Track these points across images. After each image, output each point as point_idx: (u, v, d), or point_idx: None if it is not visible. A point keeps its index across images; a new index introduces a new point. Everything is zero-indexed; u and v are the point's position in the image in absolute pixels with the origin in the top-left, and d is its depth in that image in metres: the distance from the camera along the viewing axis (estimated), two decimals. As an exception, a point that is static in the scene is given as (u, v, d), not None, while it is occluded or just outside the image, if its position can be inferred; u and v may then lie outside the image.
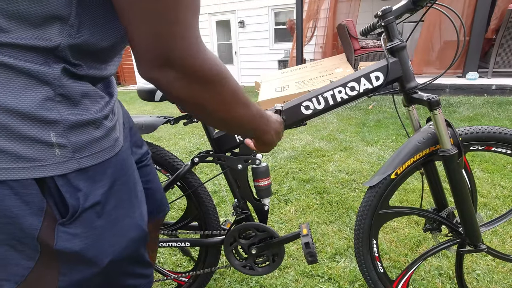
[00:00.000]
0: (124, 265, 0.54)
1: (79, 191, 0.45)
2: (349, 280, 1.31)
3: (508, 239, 1.50)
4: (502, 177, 2.07)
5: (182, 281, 1.21)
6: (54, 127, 0.42)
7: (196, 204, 1.09)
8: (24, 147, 0.40)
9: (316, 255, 0.98)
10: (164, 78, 0.43)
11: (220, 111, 0.51)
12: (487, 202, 1.80)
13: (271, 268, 1.06)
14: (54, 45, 0.41)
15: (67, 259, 0.47)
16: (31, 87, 0.40)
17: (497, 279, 1.27)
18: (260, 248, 1.03)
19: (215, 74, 0.46)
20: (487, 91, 4.34)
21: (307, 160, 2.61)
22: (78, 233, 0.46)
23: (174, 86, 0.44)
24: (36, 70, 0.40)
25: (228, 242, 1.05)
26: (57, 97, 0.42)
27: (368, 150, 2.72)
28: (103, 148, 0.48)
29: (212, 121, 0.54)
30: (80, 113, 0.45)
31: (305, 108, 0.90)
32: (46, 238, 0.44)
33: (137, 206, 0.57)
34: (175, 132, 3.69)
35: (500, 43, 4.46)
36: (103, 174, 0.49)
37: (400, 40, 0.87)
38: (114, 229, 0.51)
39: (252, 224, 1.03)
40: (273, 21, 8.06)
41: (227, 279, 1.36)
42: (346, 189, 2.08)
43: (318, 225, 1.70)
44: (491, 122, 3.20)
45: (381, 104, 4.36)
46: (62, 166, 0.43)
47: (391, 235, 1.58)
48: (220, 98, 0.49)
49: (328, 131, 3.33)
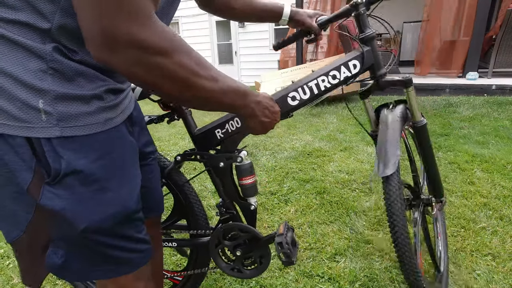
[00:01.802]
0: (104, 235, 0.57)
1: (62, 158, 0.50)
2: (349, 280, 1.31)
3: (508, 239, 1.50)
4: (502, 177, 2.07)
5: (177, 280, 1.21)
6: (43, 95, 0.48)
7: (182, 202, 1.07)
8: (17, 108, 0.48)
9: (292, 256, 0.91)
10: (118, 59, 0.44)
11: (184, 88, 0.50)
12: (487, 202, 1.80)
13: (259, 271, 1.02)
14: (47, 27, 0.47)
15: (50, 215, 0.54)
16: (27, 59, 0.47)
17: (497, 279, 1.27)
18: (245, 250, 1.00)
19: (168, 46, 0.46)
20: (487, 91, 4.34)
21: (307, 160, 2.61)
22: (60, 194, 0.52)
23: (129, 66, 0.45)
24: (32, 46, 0.47)
25: (213, 244, 1.02)
26: (49, 70, 0.48)
27: (368, 150, 2.72)
28: (90, 123, 0.53)
29: (181, 99, 0.54)
30: (70, 87, 0.50)
31: (291, 99, 0.92)
32: (33, 193, 0.52)
33: (126, 183, 0.60)
34: (175, 132, 3.69)
35: (500, 43, 4.46)
36: (89, 146, 0.53)
37: (372, 30, 0.93)
38: (95, 199, 0.55)
39: (235, 224, 0.99)
40: (273, 21, 8.04)
41: (227, 279, 1.36)
42: (346, 189, 2.08)
43: (318, 225, 1.70)
44: (491, 122, 3.20)
45: (381, 104, 4.36)
46: (46, 130, 0.49)
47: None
48: (179, 73, 0.48)
49: (328, 131, 3.33)
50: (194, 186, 2.28)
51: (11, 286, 1.44)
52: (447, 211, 1.75)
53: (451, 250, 1.44)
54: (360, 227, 1.65)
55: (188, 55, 0.49)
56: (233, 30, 8.53)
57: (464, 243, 1.49)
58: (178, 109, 1.00)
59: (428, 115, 3.64)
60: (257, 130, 0.72)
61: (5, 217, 0.57)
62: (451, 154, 2.50)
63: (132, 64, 0.45)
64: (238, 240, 1.00)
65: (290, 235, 0.95)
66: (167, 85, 0.49)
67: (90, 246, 0.57)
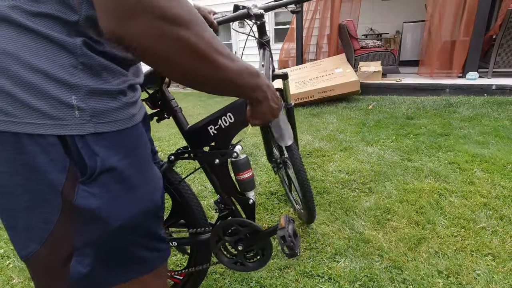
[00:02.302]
0: (134, 234, 0.57)
1: (97, 155, 0.49)
2: (349, 280, 1.31)
3: (508, 239, 1.50)
4: (502, 177, 2.07)
5: (177, 279, 1.20)
6: (75, 91, 0.47)
7: (179, 201, 1.07)
8: (49, 106, 0.46)
9: (295, 248, 0.92)
10: (137, 31, 0.40)
11: (203, 65, 0.46)
12: (487, 202, 1.80)
13: (261, 263, 1.03)
14: (75, 19, 0.46)
15: (84, 217, 0.51)
16: (57, 53, 0.45)
17: (497, 279, 1.27)
18: (246, 244, 1.01)
19: (190, 17, 0.42)
20: (487, 91, 4.34)
21: (307, 160, 2.61)
22: (95, 193, 0.50)
23: (149, 39, 0.41)
24: (62, 40, 0.45)
25: (213, 240, 1.02)
26: (79, 65, 0.47)
27: (368, 150, 2.72)
28: (118, 119, 0.52)
29: (196, 79, 0.49)
30: (99, 82, 0.49)
31: None
32: (68, 194, 0.50)
33: (151, 179, 0.60)
34: (175, 132, 3.69)
35: (500, 43, 4.46)
36: (119, 143, 0.53)
37: (268, 36, 1.28)
38: (128, 195, 0.54)
39: (234, 220, 1.00)
40: (273, 21, 8.06)
41: (227, 279, 1.36)
42: (346, 189, 2.08)
43: (318, 225, 1.70)
44: (491, 122, 3.20)
45: (381, 104, 4.36)
46: (80, 127, 0.48)
47: (391, 235, 1.58)
48: (201, 48, 0.44)
49: (328, 131, 3.33)
50: (194, 186, 2.28)
51: (11, 286, 1.44)
52: (447, 211, 1.75)
53: (451, 250, 1.44)
54: (360, 227, 1.65)
55: (207, 29, 0.45)
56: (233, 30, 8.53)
57: (464, 243, 1.49)
58: (168, 107, 0.96)
59: (429, 115, 3.64)
60: (267, 115, 0.67)
61: (18, 231, 0.52)
62: (451, 154, 2.50)
63: (153, 36, 0.40)
64: (239, 235, 1.00)
65: (291, 227, 0.96)
66: (186, 61, 0.45)
67: (120, 246, 0.56)
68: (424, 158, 2.48)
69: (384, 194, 1.97)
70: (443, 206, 1.80)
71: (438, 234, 1.56)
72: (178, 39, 0.42)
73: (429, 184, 2.05)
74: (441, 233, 1.57)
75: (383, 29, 7.28)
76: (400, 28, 7.23)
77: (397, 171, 2.27)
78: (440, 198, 1.88)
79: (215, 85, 0.52)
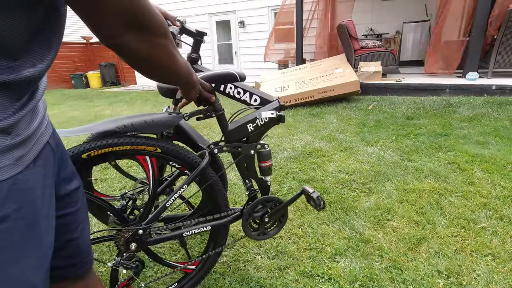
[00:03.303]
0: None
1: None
2: (349, 280, 1.31)
3: (508, 239, 1.50)
4: (502, 177, 2.07)
5: (190, 269, 1.25)
6: None
7: (211, 192, 1.16)
8: None
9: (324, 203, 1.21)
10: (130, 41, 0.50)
11: (170, 63, 0.61)
12: (487, 202, 1.80)
13: (279, 228, 1.28)
14: None
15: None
16: None
17: (497, 279, 1.27)
18: (271, 215, 1.24)
19: (166, 28, 0.55)
20: (487, 91, 4.34)
21: (307, 160, 2.61)
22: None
23: (139, 46, 0.52)
24: None
25: (245, 219, 1.21)
26: None
27: (368, 150, 2.72)
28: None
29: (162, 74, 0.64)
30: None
31: None
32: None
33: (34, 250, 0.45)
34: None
35: (500, 43, 4.46)
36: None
37: (199, 55, 1.45)
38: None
39: (261, 198, 1.22)
40: (273, 21, 8.05)
41: (227, 279, 1.36)
42: (346, 189, 2.08)
43: (318, 225, 1.70)
44: (491, 122, 3.20)
45: (381, 104, 4.36)
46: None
47: (391, 235, 1.58)
48: (169, 50, 0.58)
49: (328, 131, 3.33)
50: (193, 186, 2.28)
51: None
52: (447, 211, 1.75)
53: (451, 251, 1.44)
54: (360, 227, 1.65)
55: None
56: (233, 30, 8.52)
57: (464, 243, 1.49)
58: (214, 106, 1.06)
59: (429, 115, 3.64)
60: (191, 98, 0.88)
61: None
62: (451, 154, 2.50)
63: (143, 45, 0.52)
64: (263, 209, 1.23)
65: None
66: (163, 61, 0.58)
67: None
68: (424, 158, 2.48)
69: (384, 194, 1.97)
70: (443, 206, 1.80)
71: (438, 234, 1.56)
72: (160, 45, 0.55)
73: (429, 184, 2.05)
74: (441, 233, 1.57)
75: (383, 29, 7.28)
76: (400, 28, 7.23)
77: (397, 171, 2.27)
78: (440, 198, 1.88)
79: (168, 75, 0.66)
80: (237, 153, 1.16)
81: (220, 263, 1.45)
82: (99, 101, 7.20)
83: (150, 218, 1.06)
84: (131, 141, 0.97)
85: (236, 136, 1.15)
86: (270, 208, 1.24)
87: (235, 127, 1.14)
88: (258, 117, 1.16)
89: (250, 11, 8.08)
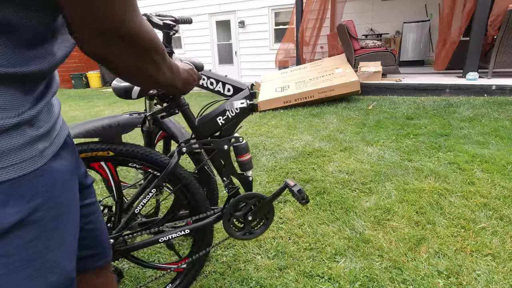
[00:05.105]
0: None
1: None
2: (349, 280, 1.31)
3: (508, 239, 1.50)
4: (502, 177, 2.07)
5: (181, 269, 1.23)
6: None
7: (186, 193, 1.11)
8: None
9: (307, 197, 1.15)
10: (113, 50, 0.44)
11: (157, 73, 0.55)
12: (487, 202, 1.80)
13: (267, 226, 1.20)
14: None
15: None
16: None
17: (497, 279, 1.27)
18: (254, 213, 1.16)
19: (153, 39, 0.49)
20: (487, 91, 4.34)
21: (307, 160, 2.61)
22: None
23: (122, 56, 0.46)
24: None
25: (226, 219, 1.14)
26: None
27: (368, 150, 2.72)
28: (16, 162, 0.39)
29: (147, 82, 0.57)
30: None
31: None
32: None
33: (65, 239, 0.47)
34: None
35: (500, 43, 4.46)
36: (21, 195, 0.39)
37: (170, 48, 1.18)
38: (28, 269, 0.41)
39: (242, 195, 1.14)
40: (273, 21, 8.06)
41: (227, 279, 1.36)
42: (346, 189, 2.08)
43: (318, 225, 1.70)
44: (491, 122, 3.20)
45: (381, 104, 4.36)
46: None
47: (391, 235, 1.58)
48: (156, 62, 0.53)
49: (328, 131, 3.33)
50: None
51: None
52: (447, 211, 1.75)
53: (451, 251, 1.44)
54: (360, 227, 1.65)
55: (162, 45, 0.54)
56: (233, 30, 8.53)
57: (464, 243, 1.49)
58: (177, 102, 1.03)
59: (429, 115, 3.64)
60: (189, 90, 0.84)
61: None
62: (451, 154, 2.50)
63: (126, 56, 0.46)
64: (246, 207, 1.16)
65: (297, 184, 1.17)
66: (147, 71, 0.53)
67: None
68: (424, 158, 2.48)
69: (384, 194, 1.97)
70: (443, 206, 1.80)
71: (438, 234, 1.56)
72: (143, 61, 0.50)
73: (429, 184, 2.05)
74: (441, 233, 1.57)
75: (383, 29, 7.28)
76: (400, 28, 7.23)
77: (397, 171, 2.27)
78: (440, 198, 1.88)
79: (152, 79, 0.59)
80: (211, 150, 1.09)
81: (220, 263, 1.46)
82: (99, 101, 7.21)
83: (120, 226, 1.04)
84: (79, 149, 0.92)
85: (206, 131, 1.07)
86: (253, 205, 1.16)
87: (203, 122, 1.06)
88: (228, 108, 1.06)
89: (250, 11, 8.09)
